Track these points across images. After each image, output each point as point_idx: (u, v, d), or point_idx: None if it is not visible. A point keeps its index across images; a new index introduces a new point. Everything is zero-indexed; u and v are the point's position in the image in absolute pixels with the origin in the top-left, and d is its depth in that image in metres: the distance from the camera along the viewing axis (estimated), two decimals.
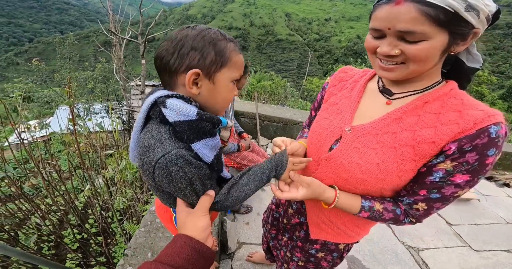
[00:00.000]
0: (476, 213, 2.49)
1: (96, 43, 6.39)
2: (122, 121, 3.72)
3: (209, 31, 0.53)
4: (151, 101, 0.52)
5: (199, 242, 0.50)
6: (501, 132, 0.48)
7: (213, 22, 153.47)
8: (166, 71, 0.53)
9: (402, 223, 0.62)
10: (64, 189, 1.59)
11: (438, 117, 0.53)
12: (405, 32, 0.47)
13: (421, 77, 0.56)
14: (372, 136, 0.59)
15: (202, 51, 0.51)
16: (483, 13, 0.46)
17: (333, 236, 0.77)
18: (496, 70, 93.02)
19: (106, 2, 3.54)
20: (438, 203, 0.56)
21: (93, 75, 9.61)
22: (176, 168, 0.48)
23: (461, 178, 0.51)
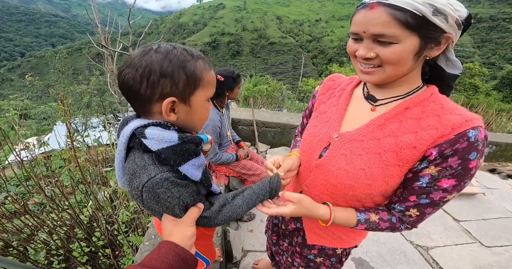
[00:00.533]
0: (483, 208, 2.47)
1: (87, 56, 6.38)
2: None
3: (175, 52, 0.50)
4: (129, 134, 0.51)
5: (184, 249, 0.52)
6: (480, 137, 0.49)
7: (206, 28, 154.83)
8: (137, 99, 0.51)
9: (399, 230, 0.64)
10: (68, 204, 1.60)
11: (418, 122, 0.55)
12: (378, 35, 0.49)
13: (401, 82, 0.58)
14: (358, 142, 0.61)
15: (172, 77, 0.49)
16: (452, 17, 0.47)
17: (328, 241, 0.79)
18: (487, 62, 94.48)
19: (94, 15, 3.53)
20: (429, 208, 0.57)
21: (88, 89, 9.62)
22: (163, 189, 0.50)
23: (447, 183, 0.53)
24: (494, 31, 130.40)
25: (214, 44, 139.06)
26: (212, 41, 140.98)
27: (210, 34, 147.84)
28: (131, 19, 2.72)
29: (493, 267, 1.78)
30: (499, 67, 70.85)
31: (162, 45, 0.51)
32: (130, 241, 1.65)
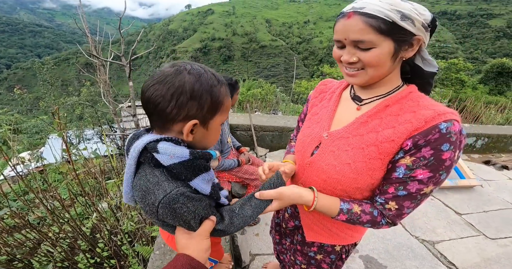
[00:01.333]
0: (483, 200, 2.52)
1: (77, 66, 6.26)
2: (117, 146, 3.65)
3: (206, 76, 0.52)
4: (141, 148, 0.52)
5: (199, 262, 0.52)
6: (453, 129, 0.52)
7: (196, 34, 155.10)
8: (161, 116, 0.52)
9: (380, 225, 0.64)
10: (68, 216, 1.60)
11: (397, 118, 0.60)
12: (357, 41, 0.55)
13: (383, 82, 0.64)
14: (344, 139, 0.66)
15: (200, 101, 0.51)
16: (417, 21, 0.53)
17: (326, 238, 0.81)
18: (470, 57, 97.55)
19: (83, 24, 3.47)
20: (406, 201, 0.59)
21: (79, 100, 9.47)
22: (179, 205, 0.51)
23: (422, 173, 0.55)
24: (473, 27, 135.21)
25: (205, 50, 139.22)
26: (203, 47, 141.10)
27: (201, 40, 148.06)
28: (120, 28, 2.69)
29: (501, 259, 1.80)
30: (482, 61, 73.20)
31: (194, 66, 0.52)
32: (136, 251, 1.63)
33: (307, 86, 9.33)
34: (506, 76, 18.05)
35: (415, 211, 0.65)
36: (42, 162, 2.10)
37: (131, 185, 0.57)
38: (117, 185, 2.07)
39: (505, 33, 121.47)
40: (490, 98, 10.01)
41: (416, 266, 1.67)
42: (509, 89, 17.62)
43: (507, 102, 6.87)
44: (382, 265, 1.66)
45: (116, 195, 2.01)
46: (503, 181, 2.97)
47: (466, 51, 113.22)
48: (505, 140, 3.75)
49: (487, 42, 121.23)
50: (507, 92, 16.94)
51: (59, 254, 1.51)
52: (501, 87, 17.82)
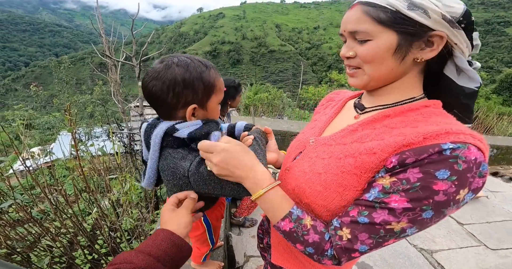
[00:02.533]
0: (487, 211, 2.46)
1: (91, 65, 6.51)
2: (123, 144, 3.74)
3: (193, 64, 0.59)
4: (162, 133, 0.59)
5: (179, 237, 0.53)
6: (463, 154, 0.38)
7: (206, 37, 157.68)
8: (164, 107, 0.61)
9: (323, 256, 0.49)
10: (71, 212, 1.63)
11: (391, 131, 0.48)
12: (353, 32, 0.49)
13: (391, 89, 0.53)
14: (326, 146, 0.57)
15: (193, 88, 0.59)
16: (434, 12, 0.43)
17: (291, 264, 0.69)
18: (485, 66, 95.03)
19: (98, 25, 3.61)
20: (364, 233, 0.45)
21: (91, 99, 9.76)
22: (203, 166, 0.56)
23: (397, 202, 0.41)
24: (490, 35, 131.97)
25: (214, 53, 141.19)
26: (212, 50, 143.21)
27: (211, 43, 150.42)
28: (134, 29, 2.80)
29: None
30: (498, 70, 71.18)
31: (180, 58, 0.59)
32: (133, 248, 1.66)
33: (314, 92, 9.29)
34: None
35: None
36: (51, 157, 2.18)
37: (156, 169, 0.64)
38: (120, 182, 2.13)
39: None
40: (504, 109, 9.69)
41: None
42: None
43: None
44: None
45: (119, 192, 2.06)
46: (510, 192, 2.89)
47: (481, 59, 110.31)
48: None
49: (503, 50, 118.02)
50: None
51: (58, 249, 1.53)
52: None
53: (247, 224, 1.98)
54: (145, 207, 2.26)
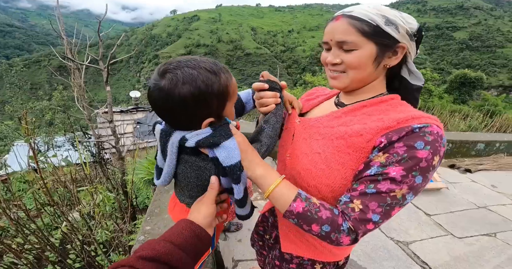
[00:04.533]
0: (449, 201, 2.70)
1: (49, 69, 5.96)
2: (91, 154, 3.46)
3: (200, 78, 0.52)
4: (177, 144, 0.59)
5: (199, 226, 0.55)
6: (429, 129, 0.50)
7: (180, 40, 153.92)
8: (179, 124, 0.59)
9: (340, 231, 0.53)
10: (35, 227, 1.52)
11: (369, 117, 0.60)
12: (341, 42, 0.56)
13: (366, 89, 0.64)
14: (315, 128, 0.66)
15: (206, 104, 0.54)
16: (402, 28, 0.55)
17: (303, 250, 0.75)
18: (437, 68, 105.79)
19: (59, 25, 3.31)
20: (374, 202, 0.51)
21: (50, 105, 8.93)
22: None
23: (394, 171, 0.50)
24: (440, 39, 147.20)
25: None
26: (187, 53, 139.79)
27: (185, 46, 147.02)
28: (101, 31, 2.60)
29: (469, 257, 1.91)
30: (448, 72, 79.74)
31: (184, 72, 0.51)
32: (112, 261, 1.54)
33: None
34: (468, 86, 19.75)
35: None
36: (6, 170, 1.94)
37: (173, 172, 0.65)
38: (90, 193, 1.96)
39: (468, 45, 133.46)
40: (455, 107, 10.87)
41: (393, 267, 1.74)
42: (471, 99, 19.25)
43: (469, 111, 7.52)
44: (361, 267, 1.71)
45: (89, 203, 1.90)
46: (466, 183, 3.21)
47: (433, 62, 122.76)
48: (467, 146, 4.08)
49: (451, 53, 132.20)
50: (469, 101, 18.45)
51: (25, 266, 1.42)
52: (464, 96, 19.41)
53: (232, 229, 1.94)
54: (121, 218, 2.11)
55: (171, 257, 0.46)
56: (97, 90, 49.40)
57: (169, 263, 0.46)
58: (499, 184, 3.27)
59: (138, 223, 2.00)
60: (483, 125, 6.30)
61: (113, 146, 2.50)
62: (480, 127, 6.17)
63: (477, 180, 3.31)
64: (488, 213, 2.56)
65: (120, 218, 2.10)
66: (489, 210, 2.61)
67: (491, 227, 2.31)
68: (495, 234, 2.21)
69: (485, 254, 1.97)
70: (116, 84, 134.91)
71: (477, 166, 3.68)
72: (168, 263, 0.46)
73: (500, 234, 2.22)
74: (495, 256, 1.95)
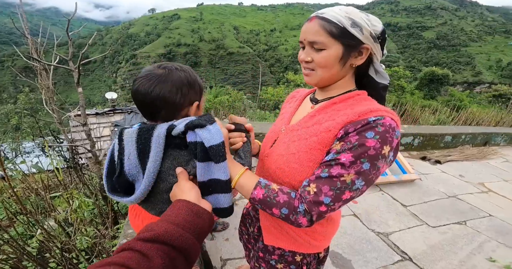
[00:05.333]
0: (422, 192, 2.87)
1: (13, 70, 5.52)
2: (64, 159, 3.26)
3: (189, 69, 0.68)
4: (165, 132, 0.60)
5: (194, 204, 0.55)
6: (382, 121, 0.56)
7: (160, 39, 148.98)
8: (171, 108, 0.64)
9: (296, 213, 0.59)
10: (8, 236, 1.43)
11: (338, 113, 0.65)
12: (312, 42, 0.62)
13: (336, 86, 0.70)
14: (295, 131, 0.72)
15: (195, 88, 0.68)
16: (366, 30, 0.59)
17: (284, 242, 0.79)
18: (409, 65, 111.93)
19: (22, 24, 3.08)
20: (326, 186, 0.57)
21: (16, 109, 8.29)
22: None
23: (345, 157, 0.56)
24: (411, 38, 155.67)
25: (169, 56, 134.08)
26: (167, 53, 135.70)
27: (165, 45, 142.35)
28: (70, 30, 2.45)
29: (443, 245, 2.01)
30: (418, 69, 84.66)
31: (174, 64, 0.67)
32: None
33: (273, 93, 9.62)
34: (436, 83, 21.06)
35: (366, 205, 0.63)
36: None
37: (156, 174, 0.61)
38: (66, 200, 1.86)
39: (435, 44, 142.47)
40: (425, 102, 11.55)
41: (376, 257, 1.83)
42: (439, 94, 20.57)
43: (438, 106, 8.06)
44: (346, 259, 1.78)
45: (66, 210, 1.81)
46: (437, 174, 3.44)
47: (405, 60, 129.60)
48: (436, 138, 4.38)
49: (421, 52, 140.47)
50: (437, 97, 19.70)
51: None
52: (433, 92, 20.66)
53: (219, 228, 1.93)
54: (102, 223, 2.02)
55: (171, 236, 0.46)
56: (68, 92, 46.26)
57: (169, 242, 0.45)
58: (465, 173, 3.54)
59: (120, 227, 1.93)
60: (450, 119, 6.80)
61: (89, 150, 2.38)
62: (448, 121, 6.66)
63: (446, 171, 3.56)
64: (457, 201, 2.75)
65: (101, 223, 2.01)
66: (458, 199, 2.81)
67: (461, 215, 2.48)
68: (465, 222, 2.37)
69: (457, 241, 2.08)
70: (90, 85, 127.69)
71: (446, 157, 3.96)
72: (168, 243, 0.45)
73: (469, 222, 2.39)
74: (467, 243, 2.06)
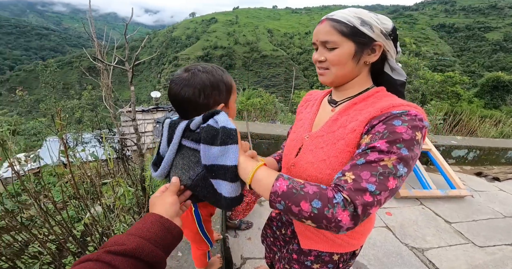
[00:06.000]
0: (472, 209, 2.55)
1: (80, 69, 6.47)
2: (115, 150, 3.68)
3: (214, 70, 0.69)
4: (184, 126, 0.65)
5: (168, 220, 0.54)
6: (408, 112, 0.56)
7: (198, 42, 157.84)
8: (196, 109, 0.68)
9: (333, 204, 0.48)
10: (60, 218, 1.58)
11: (360, 112, 0.65)
12: (324, 41, 0.64)
13: (352, 84, 0.70)
14: (320, 137, 0.71)
15: (219, 89, 0.69)
16: (376, 28, 0.61)
17: (322, 245, 0.78)
18: (467, 70, 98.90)
19: (90, 28, 3.56)
20: (365, 171, 0.51)
21: (80, 104, 9.56)
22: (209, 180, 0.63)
23: (379, 143, 0.53)
24: (471, 40, 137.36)
25: (207, 58, 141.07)
26: (205, 55, 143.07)
27: (203, 48, 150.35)
28: (126, 34, 2.78)
29: (489, 266, 1.82)
30: (479, 75, 74.31)
31: (202, 65, 0.70)
32: None
33: None
34: (501, 90, 18.26)
35: (402, 218, 0.57)
36: (39, 163, 2.13)
37: (171, 162, 0.68)
38: (112, 187, 2.09)
39: (502, 46, 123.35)
40: (486, 112, 10.12)
41: None
42: (504, 104, 17.80)
43: (501, 117, 6.97)
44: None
45: (112, 197, 2.02)
46: (494, 192, 3.01)
47: (463, 64, 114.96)
48: (497, 153, 3.82)
49: (483, 55, 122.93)
50: (502, 106, 17.09)
51: (47, 256, 1.49)
52: (496, 101, 17.98)
53: (243, 227, 1.98)
54: (138, 212, 2.23)
55: (142, 252, 0.46)
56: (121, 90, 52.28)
57: (140, 257, 0.45)
58: None
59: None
60: None
61: (135, 143, 2.64)
62: None
63: (506, 189, 3.09)
64: None
65: (137, 212, 2.20)
66: None
67: None
68: None
69: (508, 263, 1.86)
70: (138, 85, 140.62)
71: (507, 175, 3.43)
72: (139, 257, 0.45)
73: None
74: None
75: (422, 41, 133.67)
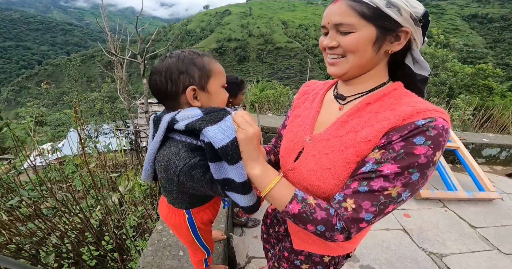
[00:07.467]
0: (501, 214, 2.37)
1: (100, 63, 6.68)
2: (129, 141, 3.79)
3: (184, 54, 0.63)
4: (166, 125, 0.61)
5: None
6: (433, 123, 0.47)
7: (212, 35, 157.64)
8: (168, 98, 0.64)
9: (334, 230, 0.52)
10: (79, 208, 1.64)
11: (376, 116, 0.55)
12: (338, 24, 0.52)
13: (366, 78, 0.59)
14: (325, 141, 0.61)
15: (188, 72, 0.62)
16: (405, 11, 0.50)
17: (314, 246, 0.75)
18: (501, 63, 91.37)
19: (104, 23, 3.64)
20: (366, 201, 0.50)
21: (99, 96, 9.94)
22: (196, 171, 0.59)
23: (389, 168, 0.48)
24: (506, 31, 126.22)
25: (221, 50, 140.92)
26: (219, 47, 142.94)
27: (217, 40, 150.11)
28: (140, 27, 2.81)
29: None
30: None
31: (174, 52, 0.64)
32: (137, 246, 1.66)
33: None
34: None
35: (422, 221, 0.55)
36: (60, 154, 2.21)
37: (152, 161, 0.65)
38: (124, 179, 2.14)
39: None
40: None
41: None
42: None
43: None
44: None
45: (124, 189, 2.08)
46: None
47: (497, 56, 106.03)
48: None
49: None
50: None
51: (66, 245, 1.55)
52: None
53: (249, 224, 1.96)
54: (151, 203, 2.27)
55: None
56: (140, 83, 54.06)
57: None
58: None
59: None
60: None
61: (147, 135, 2.69)
62: None
63: None
64: None
65: (150, 203, 2.25)
66: None
67: None
68: None
69: None
70: None
71: None
72: None
73: None
74: None
75: (450, 33, 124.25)
